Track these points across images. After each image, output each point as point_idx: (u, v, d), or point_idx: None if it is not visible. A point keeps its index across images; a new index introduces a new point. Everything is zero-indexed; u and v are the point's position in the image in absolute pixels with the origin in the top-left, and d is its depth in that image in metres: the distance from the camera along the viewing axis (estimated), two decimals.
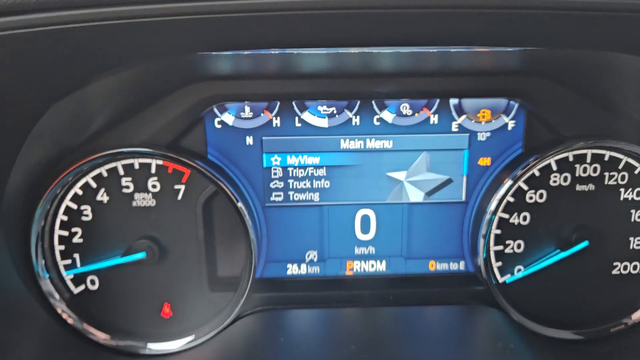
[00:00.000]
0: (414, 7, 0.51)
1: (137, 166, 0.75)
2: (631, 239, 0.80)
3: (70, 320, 0.77)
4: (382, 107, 0.78)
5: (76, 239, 0.77)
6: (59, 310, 0.77)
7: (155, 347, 0.78)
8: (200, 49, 0.54)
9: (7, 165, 0.66)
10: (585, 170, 0.78)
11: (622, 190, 0.78)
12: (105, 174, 0.75)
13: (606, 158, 0.77)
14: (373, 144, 0.79)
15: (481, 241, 0.79)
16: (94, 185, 0.75)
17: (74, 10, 0.47)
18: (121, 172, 0.75)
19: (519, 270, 0.81)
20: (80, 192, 0.75)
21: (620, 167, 0.77)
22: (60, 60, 0.55)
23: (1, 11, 0.47)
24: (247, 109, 0.77)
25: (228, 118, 0.77)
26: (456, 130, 0.79)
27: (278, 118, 0.78)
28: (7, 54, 0.51)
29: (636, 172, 0.78)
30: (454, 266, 0.85)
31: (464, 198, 0.82)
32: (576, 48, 0.60)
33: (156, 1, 0.47)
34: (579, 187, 0.78)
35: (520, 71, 0.75)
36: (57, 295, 0.77)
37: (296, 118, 0.78)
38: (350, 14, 0.51)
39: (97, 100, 0.69)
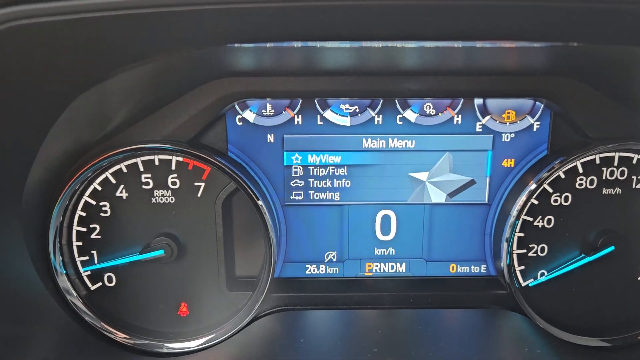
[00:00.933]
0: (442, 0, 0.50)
1: (157, 162, 0.75)
2: None
3: (86, 317, 0.76)
4: (405, 107, 0.77)
5: (94, 235, 0.76)
6: (75, 307, 0.76)
7: (173, 346, 0.77)
8: (227, 40, 0.53)
9: (28, 160, 0.66)
10: (612, 173, 0.76)
11: None
12: (125, 170, 0.74)
13: (634, 161, 0.76)
14: (395, 143, 0.78)
15: (504, 244, 0.77)
16: (113, 181, 0.75)
17: None
18: (141, 168, 0.75)
19: (542, 274, 0.79)
20: (99, 188, 0.75)
21: None
22: (85, 50, 0.54)
23: None
24: (268, 106, 0.76)
25: (249, 115, 0.77)
26: (480, 130, 0.78)
27: (300, 116, 0.77)
28: (33, 43, 0.51)
29: None
30: (475, 269, 0.84)
31: (486, 200, 0.81)
32: (607, 43, 0.59)
33: None
34: (605, 191, 0.77)
35: (547, 71, 0.74)
36: (73, 292, 0.76)
37: (318, 116, 0.77)
38: (377, 5, 0.50)
39: (120, 95, 0.68)
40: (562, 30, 0.56)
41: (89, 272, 0.77)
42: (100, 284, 0.78)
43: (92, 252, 0.76)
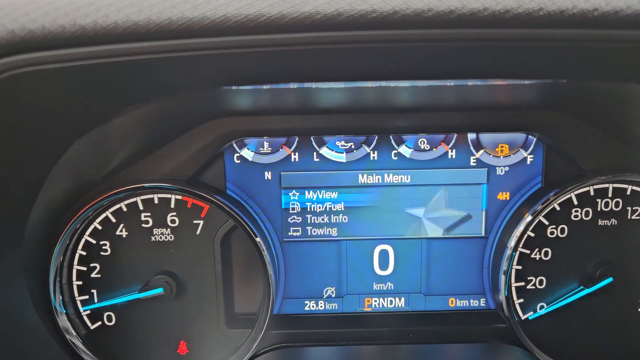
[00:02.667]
0: (432, 41, 0.52)
1: (156, 201, 0.76)
2: None
3: (85, 357, 0.76)
4: (399, 142, 0.79)
5: (94, 274, 0.77)
6: (75, 347, 0.76)
7: None
8: (222, 83, 0.55)
9: (30, 200, 0.67)
10: (607, 204, 0.77)
11: None
12: (125, 209, 0.75)
13: (628, 192, 0.76)
14: (391, 178, 0.79)
15: (502, 277, 0.77)
16: (113, 220, 0.76)
17: (101, 46, 0.49)
18: (141, 207, 0.76)
19: (542, 307, 0.79)
20: (99, 227, 0.76)
21: None
22: (85, 95, 0.56)
23: (28, 47, 0.48)
24: (265, 144, 0.78)
25: (247, 153, 0.78)
26: (474, 164, 0.79)
27: (296, 153, 0.78)
28: (35, 89, 0.52)
29: None
30: (474, 303, 0.84)
31: (483, 233, 0.81)
32: (595, 80, 0.61)
33: (179, 36, 0.48)
34: (601, 222, 0.77)
35: (538, 105, 0.75)
36: (73, 331, 0.76)
37: (314, 153, 0.78)
38: (368, 48, 0.52)
39: (120, 135, 0.70)
40: (551, 69, 0.58)
41: (88, 311, 0.77)
42: (99, 323, 0.78)
43: (92, 291, 0.77)
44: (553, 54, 0.53)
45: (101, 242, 0.76)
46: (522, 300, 0.79)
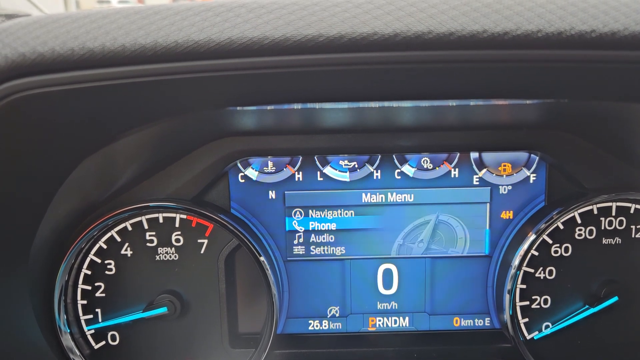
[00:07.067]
0: (432, 62, 0.52)
1: (161, 220, 0.76)
2: None
3: None
4: (402, 161, 0.79)
5: (99, 294, 0.77)
6: None
7: None
8: (227, 104, 0.56)
9: (36, 220, 0.68)
10: (610, 223, 0.77)
11: None
12: (130, 228, 0.76)
13: (632, 210, 0.76)
14: (394, 197, 0.80)
15: (506, 296, 0.77)
16: (118, 239, 0.76)
17: (109, 68, 0.50)
18: (145, 226, 0.76)
19: (547, 326, 0.79)
20: (104, 246, 0.76)
21: None
22: (93, 116, 0.57)
23: (39, 69, 0.49)
24: (270, 163, 0.79)
25: (251, 173, 0.79)
26: (477, 183, 0.80)
27: (300, 172, 0.79)
28: (43, 111, 0.53)
29: None
30: (479, 322, 0.83)
31: (487, 252, 0.81)
32: (595, 100, 0.61)
33: (185, 59, 0.49)
34: (605, 241, 0.77)
35: (540, 124, 0.76)
36: (77, 351, 0.76)
37: (318, 172, 0.79)
38: (370, 69, 0.53)
39: (125, 156, 0.71)
40: (552, 89, 0.58)
41: (92, 331, 0.77)
42: (103, 342, 0.78)
43: (97, 310, 0.77)
44: (553, 75, 0.54)
45: (106, 262, 0.76)
46: (527, 319, 0.79)
